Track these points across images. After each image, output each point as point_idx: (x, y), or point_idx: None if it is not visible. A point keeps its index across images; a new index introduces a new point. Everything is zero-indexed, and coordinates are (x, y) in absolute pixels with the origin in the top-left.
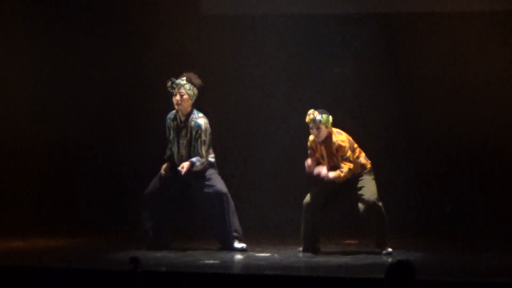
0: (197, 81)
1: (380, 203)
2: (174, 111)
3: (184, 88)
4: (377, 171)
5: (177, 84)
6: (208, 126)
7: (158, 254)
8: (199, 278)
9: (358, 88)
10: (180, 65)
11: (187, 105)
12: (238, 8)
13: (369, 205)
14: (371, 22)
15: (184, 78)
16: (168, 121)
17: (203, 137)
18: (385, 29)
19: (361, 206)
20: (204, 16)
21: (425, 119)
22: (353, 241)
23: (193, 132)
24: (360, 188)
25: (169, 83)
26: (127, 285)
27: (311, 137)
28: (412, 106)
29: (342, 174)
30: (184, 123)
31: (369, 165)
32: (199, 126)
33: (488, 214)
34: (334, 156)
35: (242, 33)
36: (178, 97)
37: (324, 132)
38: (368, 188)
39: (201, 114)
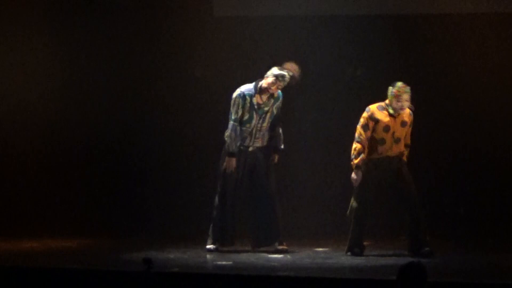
0: (296, 77)
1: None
2: (249, 87)
3: (285, 82)
4: None
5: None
6: None
7: (171, 255)
8: (211, 279)
9: (371, 90)
10: (193, 67)
11: None
12: (251, 10)
13: (413, 206)
14: (383, 23)
15: (290, 73)
16: (248, 98)
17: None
18: (397, 30)
19: (405, 206)
20: (217, 17)
21: (437, 120)
22: (367, 242)
23: (277, 103)
24: (401, 182)
25: (289, 77)
26: (140, 286)
27: (372, 109)
28: (424, 107)
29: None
30: (268, 99)
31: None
32: (281, 95)
33: (499, 216)
34: (404, 132)
35: (255, 35)
36: (279, 87)
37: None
38: (408, 182)
39: None
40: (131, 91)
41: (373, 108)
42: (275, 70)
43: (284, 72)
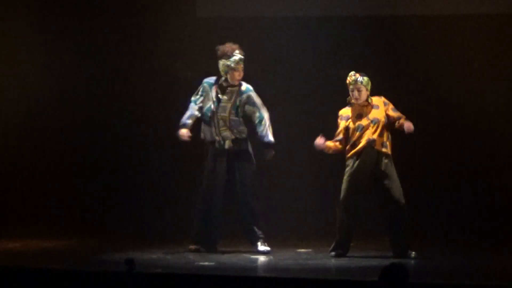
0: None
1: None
2: (213, 77)
3: (243, 63)
4: None
5: (242, 61)
6: None
7: (154, 256)
8: (194, 280)
9: None
10: (176, 68)
11: None
12: (234, 11)
13: (399, 207)
14: (367, 24)
15: (240, 51)
16: (206, 85)
17: (259, 100)
18: (381, 31)
19: (390, 206)
20: (200, 18)
21: (421, 121)
22: (352, 243)
23: (244, 96)
24: (387, 182)
25: (240, 58)
26: (122, 287)
27: (340, 112)
28: (408, 108)
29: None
30: (230, 89)
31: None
32: (251, 90)
33: (482, 216)
34: (380, 114)
35: (237, 35)
36: (241, 72)
37: (364, 94)
38: (395, 183)
39: None
40: (114, 92)
41: (340, 111)
42: (237, 56)
43: (238, 55)
